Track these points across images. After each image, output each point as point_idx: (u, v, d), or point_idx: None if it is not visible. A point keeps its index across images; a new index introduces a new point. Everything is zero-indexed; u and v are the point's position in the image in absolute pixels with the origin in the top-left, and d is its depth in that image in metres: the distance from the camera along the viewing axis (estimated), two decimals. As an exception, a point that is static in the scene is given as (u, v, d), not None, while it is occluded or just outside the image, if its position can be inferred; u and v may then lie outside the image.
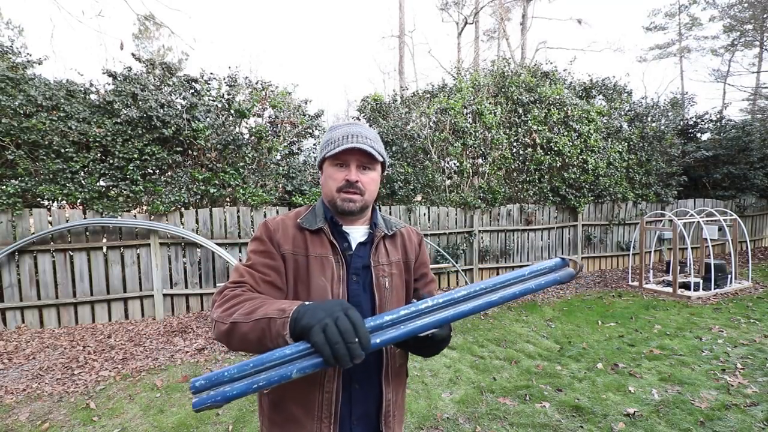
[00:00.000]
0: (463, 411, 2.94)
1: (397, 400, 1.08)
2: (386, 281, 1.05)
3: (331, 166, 1.03)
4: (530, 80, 7.47)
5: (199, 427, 2.76)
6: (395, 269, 1.09)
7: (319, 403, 0.97)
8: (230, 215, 5.40)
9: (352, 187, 1.01)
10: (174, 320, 4.98)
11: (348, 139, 0.99)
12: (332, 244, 1.03)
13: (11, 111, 4.41)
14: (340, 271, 1.01)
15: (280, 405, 1.01)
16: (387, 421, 1.04)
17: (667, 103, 9.76)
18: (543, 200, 7.46)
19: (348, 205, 1.02)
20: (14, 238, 4.50)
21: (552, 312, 5.38)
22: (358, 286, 1.03)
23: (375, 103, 7.38)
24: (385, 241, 1.10)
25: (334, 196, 1.02)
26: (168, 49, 18.13)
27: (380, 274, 1.05)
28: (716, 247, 9.09)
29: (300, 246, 1.03)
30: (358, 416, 1.02)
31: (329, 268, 1.01)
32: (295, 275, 1.02)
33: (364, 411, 1.03)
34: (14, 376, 3.51)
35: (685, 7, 19.60)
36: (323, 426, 0.97)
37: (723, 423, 2.70)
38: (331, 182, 1.03)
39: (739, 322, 4.78)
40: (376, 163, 1.05)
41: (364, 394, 1.02)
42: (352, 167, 1.01)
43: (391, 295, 1.05)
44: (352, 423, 1.01)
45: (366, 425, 1.03)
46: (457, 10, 18.78)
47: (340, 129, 1.04)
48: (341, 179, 1.01)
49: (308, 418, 0.97)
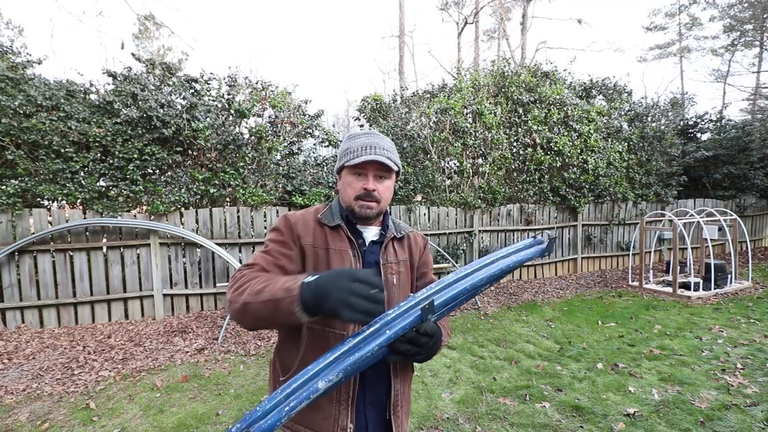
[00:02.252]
0: (463, 411, 2.94)
1: (404, 391, 1.14)
2: (394, 278, 1.12)
3: (350, 174, 1.10)
4: (530, 80, 7.47)
5: (199, 427, 2.76)
6: (402, 267, 1.16)
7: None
8: (230, 215, 5.39)
9: (370, 196, 1.08)
10: (174, 320, 4.98)
11: (366, 150, 1.06)
12: (350, 239, 1.11)
13: (11, 111, 4.40)
14: (358, 264, 1.08)
15: None
16: (395, 410, 1.10)
17: (667, 103, 9.76)
18: (543, 200, 7.46)
19: (365, 212, 1.09)
20: (14, 238, 4.50)
21: (552, 312, 5.38)
22: None
23: (375, 103, 7.38)
24: (394, 242, 1.18)
25: (352, 203, 1.10)
26: (168, 49, 18.13)
27: (389, 271, 1.12)
28: (716, 247, 9.08)
29: (320, 240, 1.10)
30: (371, 401, 1.07)
31: (348, 262, 1.08)
32: (316, 267, 1.07)
33: (376, 396, 1.08)
34: (14, 376, 3.51)
35: (685, 7, 19.60)
36: (341, 408, 1.02)
37: (723, 423, 2.70)
38: (349, 190, 1.10)
39: (739, 322, 4.78)
40: (392, 172, 1.12)
41: (376, 382, 1.08)
42: (369, 177, 1.08)
43: (399, 291, 1.12)
44: (366, 407, 1.07)
45: (377, 411, 1.09)
46: (457, 10, 18.79)
47: (359, 139, 1.10)
48: (360, 188, 1.08)
49: (327, 401, 1.02)
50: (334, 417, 1.02)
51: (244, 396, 3.17)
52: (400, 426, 1.11)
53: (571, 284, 6.96)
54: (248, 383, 3.39)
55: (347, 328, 1.03)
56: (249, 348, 4.18)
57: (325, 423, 1.02)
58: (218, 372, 3.61)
